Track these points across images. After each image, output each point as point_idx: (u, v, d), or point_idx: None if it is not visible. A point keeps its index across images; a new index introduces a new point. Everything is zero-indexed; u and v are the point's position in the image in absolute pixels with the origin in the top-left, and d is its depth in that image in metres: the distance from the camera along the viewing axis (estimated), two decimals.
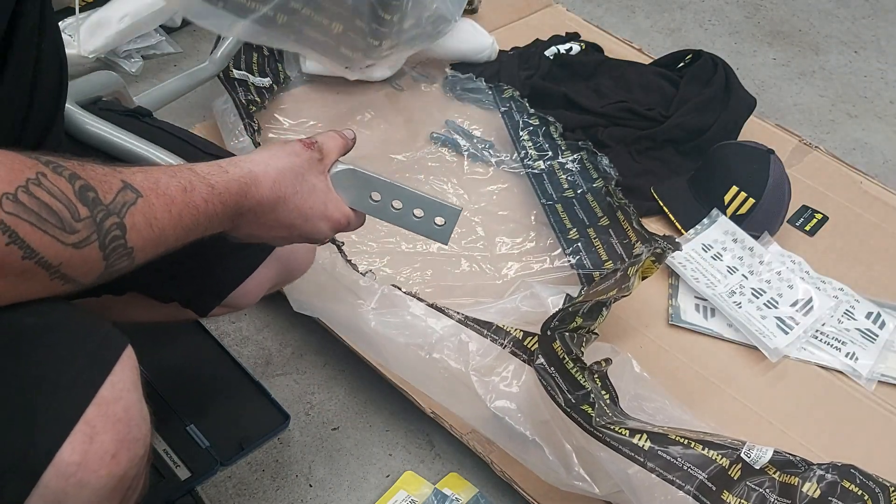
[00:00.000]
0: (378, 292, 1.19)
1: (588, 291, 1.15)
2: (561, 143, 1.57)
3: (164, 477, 1.10)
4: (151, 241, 0.64)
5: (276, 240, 0.81)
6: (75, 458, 0.57)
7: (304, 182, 0.77)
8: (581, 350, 1.04)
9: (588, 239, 1.39)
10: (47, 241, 0.57)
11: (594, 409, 0.96)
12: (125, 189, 0.62)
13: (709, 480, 0.92)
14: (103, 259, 0.61)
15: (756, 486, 0.93)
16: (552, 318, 1.04)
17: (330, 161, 0.82)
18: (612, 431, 0.95)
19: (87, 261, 0.60)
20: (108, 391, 0.60)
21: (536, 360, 1.01)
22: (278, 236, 0.79)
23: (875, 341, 1.32)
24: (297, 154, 0.78)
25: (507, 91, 1.68)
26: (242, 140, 1.40)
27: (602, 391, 1.01)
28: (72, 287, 0.61)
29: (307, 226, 0.79)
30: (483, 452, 1.13)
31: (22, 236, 0.56)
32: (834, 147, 1.85)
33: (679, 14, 2.30)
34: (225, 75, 1.51)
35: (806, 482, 0.94)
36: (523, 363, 1.12)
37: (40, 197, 0.57)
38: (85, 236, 0.59)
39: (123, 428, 0.60)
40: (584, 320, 1.07)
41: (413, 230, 0.87)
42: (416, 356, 1.14)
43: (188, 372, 1.22)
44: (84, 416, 0.58)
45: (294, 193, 0.76)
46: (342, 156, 0.84)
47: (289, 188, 0.76)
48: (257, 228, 0.76)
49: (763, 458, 0.95)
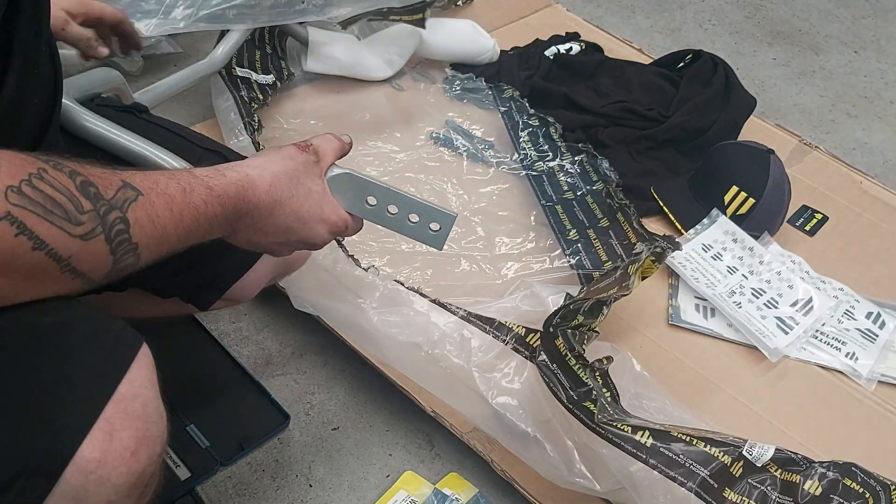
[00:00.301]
0: (380, 289, 1.19)
1: (589, 289, 1.15)
2: (561, 144, 1.57)
3: (163, 477, 1.10)
4: (155, 239, 0.64)
5: (274, 246, 0.80)
6: (95, 455, 0.58)
7: (299, 185, 0.77)
8: (583, 347, 1.04)
9: (588, 240, 1.39)
10: (55, 232, 0.57)
11: (596, 406, 0.96)
12: (125, 187, 0.63)
13: (711, 478, 0.92)
14: (110, 253, 0.61)
15: (758, 484, 0.93)
16: (554, 315, 1.04)
17: (326, 164, 0.82)
18: (614, 428, 0.95)
19: (96, 255, 0.60)
20: (126, 388, 0.60)
21: (539, 357, 1.01)
22: (277, 242, 0.79)
23: (875, 341, 1.32)
24: (291, 158, 0.78)
25: (507, 91, 1.68)
26: (242, 139, 1.40)
27: (603, 389, 1.01)
28: (83, 284, 0.61)
29: (304, 229, 0.79)
30: (483, 451, 1.12)
31: (30, 227, 0.56)
32: (834, 147, 1.85)
33: (679, 14, 2.30)
34: (228, 73, 1.51)
35: (808, 480, 0.94)
36: (525, 360, 1.12)
37: (44, 190, 0.57)
38: (90, 228, 0.59)
39: (142, 425, 0.60)
40: (586, 318, 1.07)
41: (408, 235, 0.87)
42: (417, 354, 1.14)
43: (188, 372, 1.22)
44: (103, 413, 0.59)
45: (290, 197, 0.76)
46: (338, 159, 0.84)
47: (285, 191, 0.76)
48: (255, 234, 0.76)
49: (765, 456, 0.95)
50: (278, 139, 1.56)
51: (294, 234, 0.79)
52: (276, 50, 1.63)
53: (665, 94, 1.69)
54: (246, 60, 1.56)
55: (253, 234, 0.76)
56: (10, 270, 0.56)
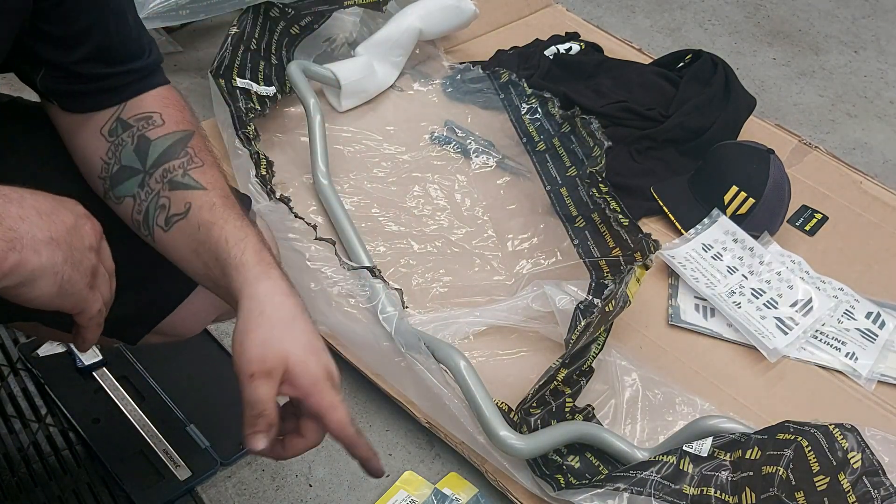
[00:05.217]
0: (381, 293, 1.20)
1: (567, 354, 1.17)
2: (556, 113, 1.59)
3: (164, 477, 1.10)
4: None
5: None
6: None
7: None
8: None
9: (594, 225, 1.39)
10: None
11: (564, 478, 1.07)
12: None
13: (665, 479, 1.01)
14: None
15: (713, 472, 1.02)
16: (529, 399, 1.13)
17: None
18: (574, 488, 1.05)
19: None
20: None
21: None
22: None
23: (875, 341, 1.32)
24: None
25: (503, 75, 1.70)
26: (241, 153, 1.39)
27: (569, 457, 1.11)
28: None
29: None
30: (478, 463, 1.13)
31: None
32: (834, 147, 1.85)
33: (679, 14, 2.30)
34: (227, 84, 1.49)
35: (748, 450, 1.01)
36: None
37: None
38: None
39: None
40: (567, 386, 1.17)
41: None
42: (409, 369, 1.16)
43: (188, 372, 1.22)
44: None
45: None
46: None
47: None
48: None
49: (705, 446, 1.04)
50: (279, 142, 1.56)
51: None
52: (280, 61, 1.61)
53: (665, 94, 1.69)
54: (248, 71, 1.54)
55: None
56: None
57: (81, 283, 0.64)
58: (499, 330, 1.28)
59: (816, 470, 0.95)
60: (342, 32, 1.75)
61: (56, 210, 0.63)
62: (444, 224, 1.46)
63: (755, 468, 0.99)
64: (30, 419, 1.15)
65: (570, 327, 1.21)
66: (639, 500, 1.00)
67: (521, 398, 1.15)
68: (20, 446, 1.12)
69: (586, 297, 1.24)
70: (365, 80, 1.64)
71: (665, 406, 1.20)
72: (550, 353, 1.24)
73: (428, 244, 1.41)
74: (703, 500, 0.99)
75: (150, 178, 0.78)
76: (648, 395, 1.21)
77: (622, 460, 1.10)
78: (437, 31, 1.76)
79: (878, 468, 0.96)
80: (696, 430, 1.10)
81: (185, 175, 0.77)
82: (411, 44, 1.71)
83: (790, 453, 0.98)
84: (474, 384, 1.10)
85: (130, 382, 1.20)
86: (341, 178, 1.48)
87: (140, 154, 0.78)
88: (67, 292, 0.63)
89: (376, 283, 1.21)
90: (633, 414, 1.20)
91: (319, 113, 1.48)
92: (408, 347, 1.14)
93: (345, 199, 1.43)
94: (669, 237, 1.47)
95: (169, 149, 0.78)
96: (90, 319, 0.67)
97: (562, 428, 1.10)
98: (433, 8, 1.73)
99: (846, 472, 0.95)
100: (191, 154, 0.78)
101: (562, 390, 1.16)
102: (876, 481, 0.94)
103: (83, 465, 1.11)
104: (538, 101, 1.63)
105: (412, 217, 1.46)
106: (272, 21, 1.61)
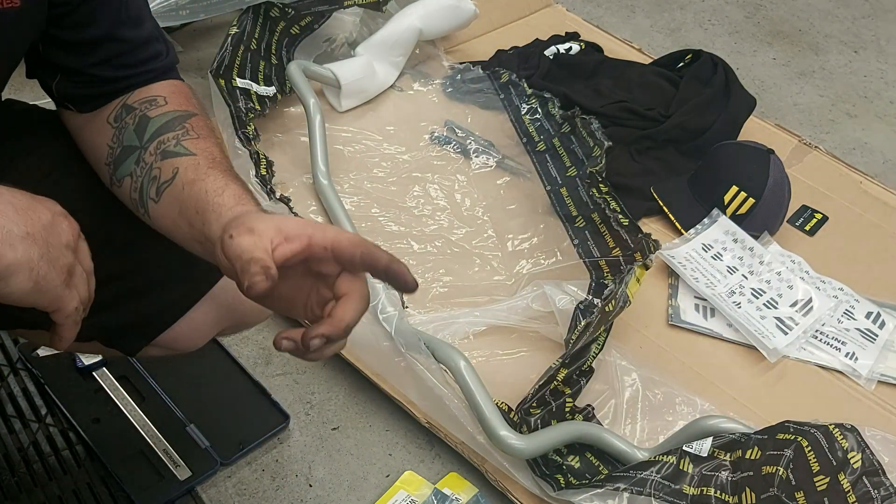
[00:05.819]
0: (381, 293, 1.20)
1: (567, 354, 1.17)
2: (556, 113, 1.59)
3: (164, 477, 1.10)
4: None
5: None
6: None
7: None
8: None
9: (594, 225, 1.39)
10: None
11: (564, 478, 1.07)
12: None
13: (664, 479, 1.01)
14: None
15: (713, 471, 1.01)
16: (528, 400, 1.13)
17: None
18: (574, 488, 1.05)
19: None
20: None
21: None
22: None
23: (875, 341, 1.32)
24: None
25: (503, 75, 1.70)
26: (241, 153, 1.39)
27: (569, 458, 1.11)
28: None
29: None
30: (478, 463, 1.13)
31: None
32: (834, 147, 1.85)
33: (679, 14, 2.30)
34: (227, 84, 1.49)
35: (748, 450, 1.01)
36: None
37: None
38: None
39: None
40: (567, 386, 1.16)
41: None
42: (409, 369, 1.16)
43: (188, 372, 1.22)
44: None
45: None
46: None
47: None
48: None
49: (705, 446, 1.04)
50: (279, 142, 1.56)
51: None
52: (281, 61, 1.61)
53: (665, 94, 1.69)
54: (248, 72, 1.54)
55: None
56: None
57: (57, 279, 0.63)
58: (499, 330, 1.28)
59: (816, 470, 0.96)
60: (342, 32, 1.75)
61: (33, 207, 0.63)
62: (444, 224, 1.46)
63: (755, 468, 0.99)
64: (30, 419, 1.15)
65: (570, 327, 1.21)
66: (639, 500, 1.00)
67: (521, 398, 1.16)
68: (20, 446, 1.12)
69: (586, 297, 1.24)
70: (365, 80, 1.64)
71: (665, 406, 1.21)
72: (550, 353, 1.24)
73: (428, 244, 1.41)
74: (703, 500, 1.00)
75: (145, 152, 0.76)
76: (648, 395, 1.22)
77: (622, 460, 1.10)
78: (437, 31, 1.76)
79: (878, 468, 0.96)
80: (696, 430, 1.11)
81: (178, 144, 0.75)
82: (411, 44, 1.71)
83: (790, 453, 0.98)
84: (474, 384, 1.10)
85: (130, 382, 1.20)
86: (341, 178, 1.48)
87: (139, 132, 0.77)
88: (43, 289, 0.62)
89: (376, 283, 1.21)
90: (633, 414, 1.20)
91: (319, 113, 1.48)
92: (408, 347, 1.14)
93: (345, 199, 1.43)
94: (669, 237, 1.47)
95: (166, 123, 0.77)
96: (67, 317, 0.65)
97: (562, 428, 1.10)
98: (433, 8, 1.73)
99: (846, 472, 0.95)
100: (188, 128, 0.76)
101: (562, 390, 1.16)
102: (876, 481, 0.94)
103: (83, 465, 1.11)
104: (538, 101, 1.64)
105: (412, 217, 1.46)
106: (272, 21, 1.61)
